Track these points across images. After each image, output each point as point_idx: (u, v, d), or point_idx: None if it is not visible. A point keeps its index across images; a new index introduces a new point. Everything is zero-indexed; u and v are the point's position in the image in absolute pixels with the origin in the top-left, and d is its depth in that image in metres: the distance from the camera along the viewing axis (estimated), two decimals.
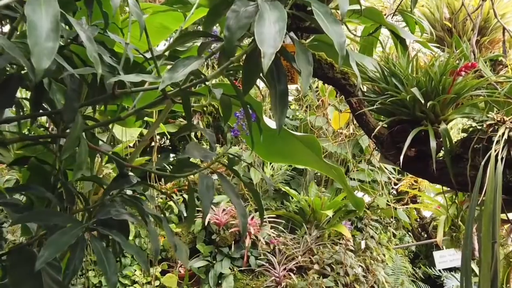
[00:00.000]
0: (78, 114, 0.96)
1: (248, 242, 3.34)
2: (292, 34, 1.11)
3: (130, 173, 1.12)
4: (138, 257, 0.98)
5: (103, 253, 0.94)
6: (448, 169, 1.11)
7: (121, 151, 2.25)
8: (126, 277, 2.88)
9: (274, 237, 3.57)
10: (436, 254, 3.22)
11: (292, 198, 3.96)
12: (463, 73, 1.06)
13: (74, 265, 0.93)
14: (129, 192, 1.16)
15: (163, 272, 3.14)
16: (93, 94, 1.14)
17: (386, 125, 1.19)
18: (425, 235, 4.46)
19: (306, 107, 4.14)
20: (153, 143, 3.20)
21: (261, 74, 0.98)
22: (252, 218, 3.53)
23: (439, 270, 3.83)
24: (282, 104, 0.96)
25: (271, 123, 1.49)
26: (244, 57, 0.96)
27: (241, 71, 0.98)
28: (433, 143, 1.06)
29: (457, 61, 1.15)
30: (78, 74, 1.00)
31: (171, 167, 1.10)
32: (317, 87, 3.82)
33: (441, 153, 1.17)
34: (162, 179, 3.77)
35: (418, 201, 4.10)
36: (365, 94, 1.22)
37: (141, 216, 1.10)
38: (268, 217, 3.62)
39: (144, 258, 1.00)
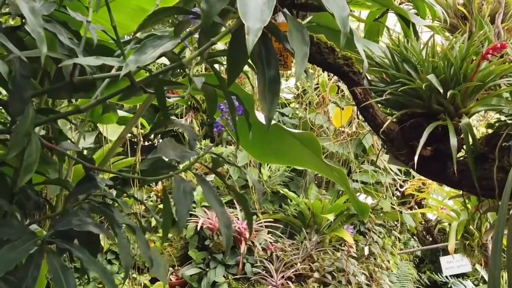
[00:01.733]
0: (28, 105, 0.79)
1: (243, 248, 3.19)
2: (285, 10, 0.94)
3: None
4: (103, 277, 0.83)
5: (61, 270, 0.79)
6: (470, 171, 0.94)
7: (105, 152, 2.08)
8: None
9: (271, 242, 3.42)
10: (443, 260, 3.11)
11: (291, 201, 3.81)
12: (489, 56, 0.89)
13: (26, 284, 0.78)
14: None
15: (153, 280, 2.99)
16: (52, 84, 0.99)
17: (396, 120, 1.02)
18: (430, 239, 4.32)
19: (306, 104, 3.98)
20: (146, 143, 3.06)
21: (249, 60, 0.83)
22: None
23: (446, 277, 3.69)
24: (272, 92, 0.80)
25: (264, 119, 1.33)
26: (229, 39, 0.81)
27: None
28: (453, 141, 0.89)
29: (480, 46, 0.97)
30: (32, 59, 0.85)
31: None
32: (317, 84, 3.66)
33: (462, 153, 1.00)
34: (157, 182, 3.61)
35: (423, 203, 3.94)
36: (372, 83, 1.04)
37: (110, 226, 0.94)
38: (265, 222, 3.47)
39: (111, 278, 0.85)
